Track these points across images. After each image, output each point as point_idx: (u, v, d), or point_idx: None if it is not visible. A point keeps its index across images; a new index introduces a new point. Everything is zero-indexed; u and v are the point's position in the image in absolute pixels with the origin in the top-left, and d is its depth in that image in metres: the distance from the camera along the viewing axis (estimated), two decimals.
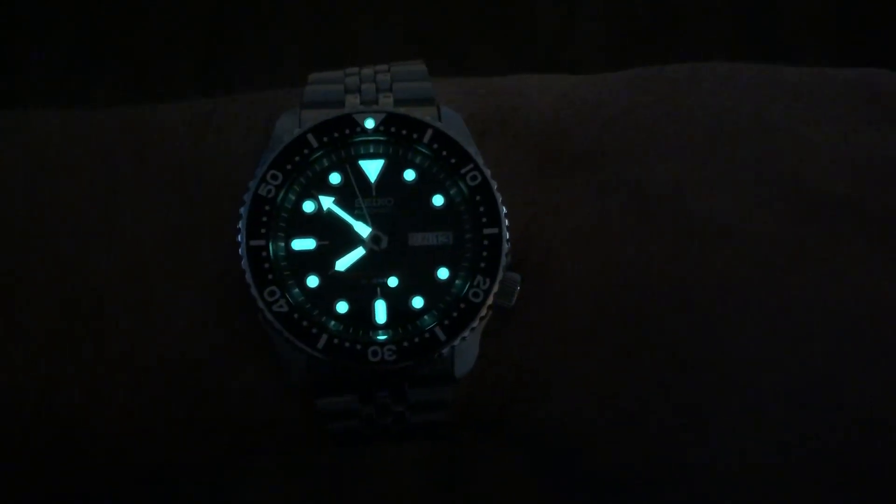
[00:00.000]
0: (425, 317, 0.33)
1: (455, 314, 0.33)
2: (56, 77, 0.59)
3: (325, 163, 0.34)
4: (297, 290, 0.33)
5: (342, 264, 0.33)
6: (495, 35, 0.61)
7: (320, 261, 0.33)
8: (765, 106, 0.35)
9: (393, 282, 0.33)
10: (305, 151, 0.33)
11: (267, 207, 0.33)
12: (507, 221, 0.33)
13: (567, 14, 0.62)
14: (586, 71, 0.38)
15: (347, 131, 0.34)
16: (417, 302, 0.33)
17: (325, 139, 0.33)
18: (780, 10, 0.63)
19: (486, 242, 0.33)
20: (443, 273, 0.33)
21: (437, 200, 0.34)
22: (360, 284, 0.33)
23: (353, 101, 0.35)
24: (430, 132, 0.34)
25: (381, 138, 0.34)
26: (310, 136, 0.33)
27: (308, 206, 0.33)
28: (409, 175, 0.34)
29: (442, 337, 0.32)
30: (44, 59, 0.59)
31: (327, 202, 0.33)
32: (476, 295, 0.33)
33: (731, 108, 0.35)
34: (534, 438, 0.35)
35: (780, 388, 0.32)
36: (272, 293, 0.32)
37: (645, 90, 0.36)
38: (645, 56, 0.38)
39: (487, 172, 0.33)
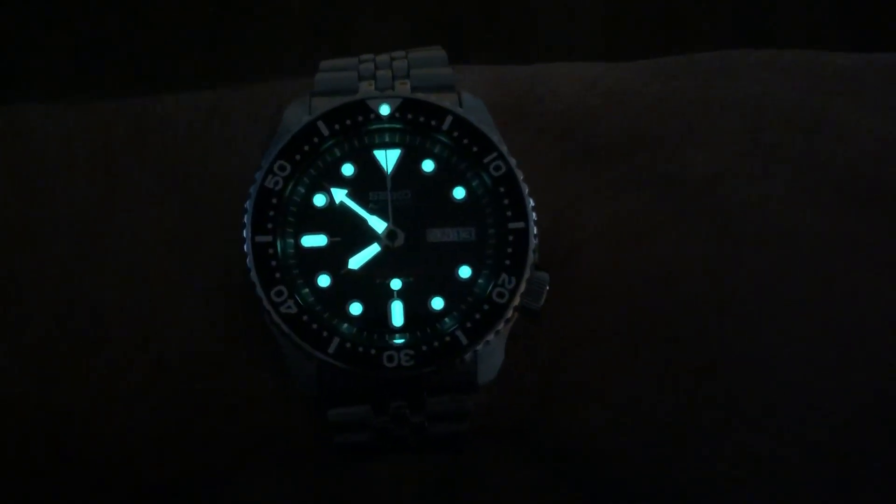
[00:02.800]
0: (446, 319, 0.31)
1: (478, 316, 0.31)
2: (59, 72, 0.59)
3: (337, 153, 0.32)
4: (306, 290, 0.31)
5: (356, 262, 0.32)
6: (495, 30, 0.61)
7: (332, 258, 0.31)
8: (807, 93, 0.33)
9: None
10: (316, 140, 0.32)
11: (274, 201, 0.31)
12: (534, 215, 0.31)
13: (566, 10, 0.62)
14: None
15: (361, 118, 0.32)
16: (437, 303, 0.31)
17: (337, 127, 0.32)
18: (779, 6, 0.63)
19: (511, 238, 0.31)
20: (464, 271, 0.32)
21: (458, 193, 0.32)
22: (375, 284, 0.31)
23: (367, 88, 0.33)
24: (449, 119, 0.32)
25: (398, 126, 0.32)
26: (320, 124, 0.32)
27: (319, 200, 0.32)
28: (428, 165, 0.32)
29: (464, 341, 0.31)
30: (46, 55, 0.59)
31: (339, 195, 0.32)
32: (501, 295, 0.31)
33: (770, 96, 0.33)
34: (559, 450, 0.33)
35: (827, 403, 0.31)
36: (279, 293, 0.31)
37: (676, 78, 0.34)
38: (645, 53, 0.37)
39: (512, 162, 0.32)
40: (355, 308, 0.31)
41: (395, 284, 0.31)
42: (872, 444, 0.31)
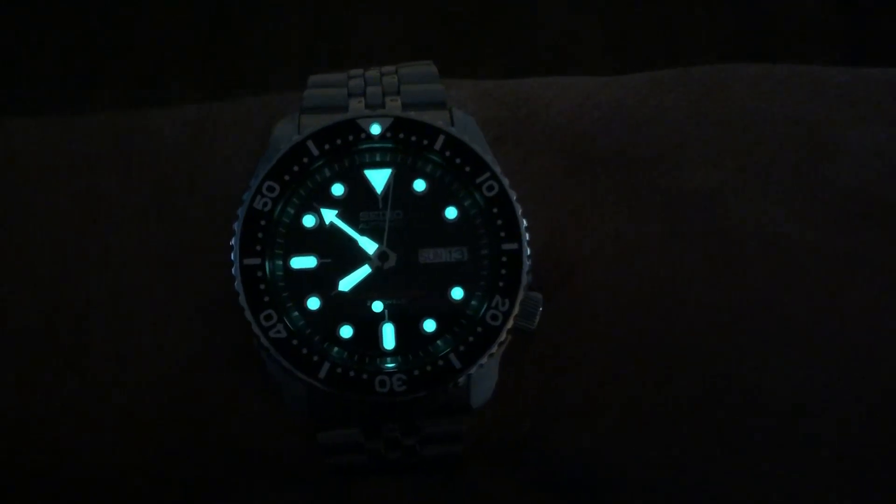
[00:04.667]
0: (438, 342, 0.31)
1: (471, 339, 0.30)
2: (53, 84, 0.59)
3: (327, 172, 0.32)
4: (296, 313, 0.31)
5: (346, 284, 0.31)
6: (496, 39, 0.61)
7: (322, 280, 0.31)
8: (804, 107, 0.33)
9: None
10: (305, 160, 0.31)
11: (263, 222, 0.31)
12: (527, 236, 0.31)
13: (568, 17, 0.62)
14: (589, 74, 0.36)
15: (351, 138, 0.31)
16: (429, 325, 0.31)
17: (327, 147, 0.31)
18: (778, 12, 0.62)
19: (504, 259, 0.31)
20: (457, 293, 0.31)
21: (451, 213, 0.32)
22: (366, 306, 0.31)
23: (357, 105, 0.32)
24: (441, 138, 0.31)
25: (389, 145, 0.32)
26: (310, 144, 0.31)
27: (308, 221, 0.31)
28: (420, 185, 0.32)
29: (457, 364, 0.30)
30: (39, 66, 0.59)
31: (329, 216, 0.31)
32: (494, 318, 0.30)
33: (766, 110, 0.33)
34: (553, 473, 0.33)
35: (831, 427, 0.30)
36: (269, 317, 0.30)
37: (672, 92, 0.34)
38: (646, 60, 0.36)
39: (505, 182, 0.31)
40: (346, 331, 0.31)
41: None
42: (880, 450, 0.30)
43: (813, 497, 0.31)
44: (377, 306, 0.31)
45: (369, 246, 0.31)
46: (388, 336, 0.31)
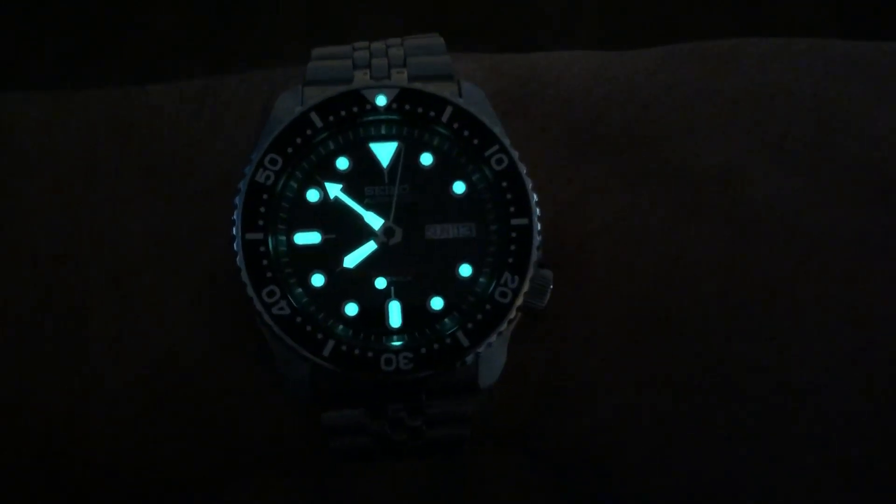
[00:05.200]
0: (446, 320, 0.30)
1: (480, 317, 0.30)
2: (52, 63, 0.59)
3: (331, 146, 0.31)
4: (299, 290, 0.30)
5: (351, 260, 0.30)
6: (496, 23, 0.60)
7: (326, 257, 0.30)
8: (822, 83, 0.32)
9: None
10: (308, 133, 0.31)
11: (265, 196, 0.30)
12: (538, 211, 0.30)
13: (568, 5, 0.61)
14: None
15: (356, 109, 0.31)
16: (437, 303, 0.30)
17: (331, 119, 0.31)
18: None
19: (513, 235, 0.30)
20: (465, 270, 0.30)
21: (458, 187, 0.31)
22: (372, 283, 0.30)
23: (362, 77, 0.32)
24: (449, 110, 0.31)
25: (395, 117, 0.31)
26: (313, 115, 0.31)
27: (312, 195, 0.31)
28: (426, 159, 0.31)
29: (465, 342, 0.30)
30: (39, 45, 0.59)
31: (334, 190, 0.31)
32: (503, 295, 0.30)
33: (782, 86, 0.32)
34: (560, 454, 0.32)
35: (839, 411, 0.30)
36: (271, 294, 0.29)
37: (684, 67, 0.33)
38: (645, 44, 0.36)
39: (515, 155, 0.31)
40: (351, 308, 0.30)
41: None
42: (880, 466, 0.30)
43: (821, 480, 0.30)
44: (383, 283, 0.30)
45: (375, 221, 0.31)
46: (394, 313, 0.30)
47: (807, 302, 0.30)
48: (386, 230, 0.30)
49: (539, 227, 0.30)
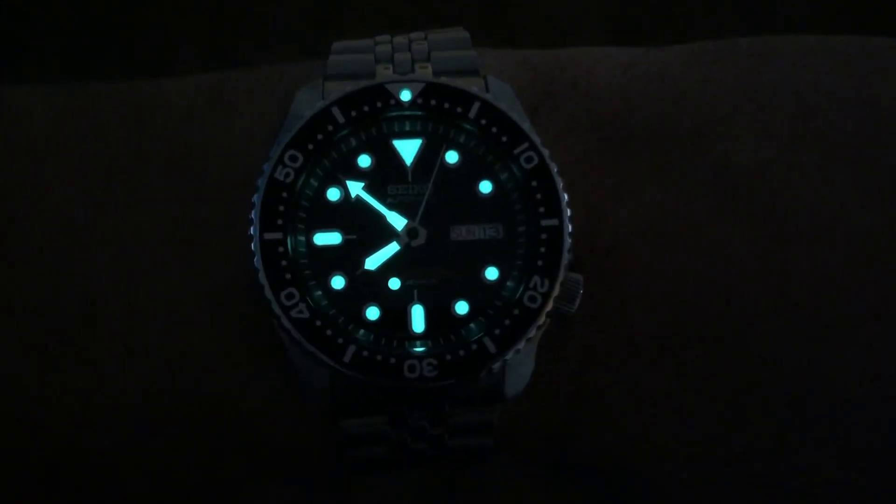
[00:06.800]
0: (471, 325, 0.30)
1: (507, 322, 0.29)
2: (53, 54, 0.59)
3: (353, 142, 0.31)
4: (319, 292, 0.30)
5: (373, 262, 0.30)
6: (497, 25, 0.61)
7: (347, 258, 0.30)
8: (862, 79, 0.32)
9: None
10: (330, 129, 0.30)
11: (284, 194, 0.30)
12: (569, 211, 0.30)
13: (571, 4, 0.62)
14: None
15: (379, 105, 0.30)
16: (462, 307, 0.30)
17: (354, 114, 0.30)
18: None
19: (543, 236, 0.30)
20: (491, 273, 0.30)
21: (485, 187, 0.30)
22: (394, 286, 0.30)
23: (384, 72, 0.31)
24: (476, 105, 0.30)
25: (419, 113, 0.30)
26: (335, 111, 0.30)
27: (333, 194, 0.30)
28: (452, 157, 0.31)
29: (492, 349, 0.29)
30: (48, 38, 0.59)
31: (355, 189, 0.30)
32: (532, 299, 0.29)
33: (821, 83, 0.32)
34: (587, 465, 0.32)
35: (890, 417, 0.29)
36: (290, 296, 0.29)
37: (717, 63, 0.32)
38: (648, 41, 0.36)
39: (545, 153, 0.30)
40: (372, 312, 0.30)
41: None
42: None
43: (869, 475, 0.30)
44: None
45: (398, 221, 0.30)
46: (418, 318, 0.30)
47: (856, 306, 0.29)
48: (409, 231, 0.30)
49: (570, 229, 0.29)
